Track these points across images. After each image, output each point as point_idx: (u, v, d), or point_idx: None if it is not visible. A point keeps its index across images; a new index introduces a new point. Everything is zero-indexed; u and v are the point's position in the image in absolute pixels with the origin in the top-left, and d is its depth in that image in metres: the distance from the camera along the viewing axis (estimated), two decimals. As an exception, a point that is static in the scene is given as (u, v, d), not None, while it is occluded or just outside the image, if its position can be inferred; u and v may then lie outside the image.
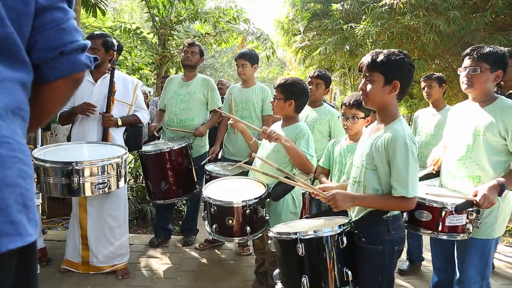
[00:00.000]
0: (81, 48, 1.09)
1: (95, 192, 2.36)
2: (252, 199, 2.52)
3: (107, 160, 2.45)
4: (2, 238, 0.83)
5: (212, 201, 2.56)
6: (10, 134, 0.91)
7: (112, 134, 3.32)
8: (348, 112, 2.75)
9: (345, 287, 2.01)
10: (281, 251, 2.13)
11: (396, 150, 1.87)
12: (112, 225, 3.38)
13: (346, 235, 2.01)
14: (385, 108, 2.01)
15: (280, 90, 2.73)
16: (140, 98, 3.56)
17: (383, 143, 1.93)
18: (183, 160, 3.69)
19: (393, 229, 1.98)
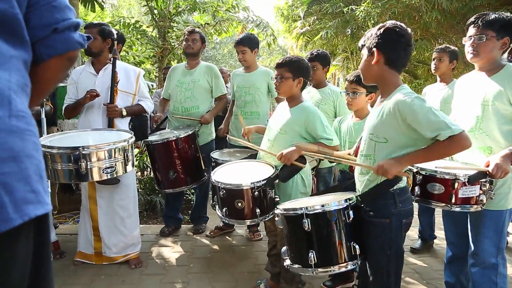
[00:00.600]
0: (73, 26, 1.11)
1: (103, 176, 2.36)
2: (261, 180, 2.51)
3: (113, 144, 2.44)
4: (29, 206, 0.90)
5: (220, 185, 2.55)
6: (24, 108, 0.96)
7: (117, 124, 3.32)
8: (348, 87, 2.76)
9: (353, 261, 2.02)
10: (288, 228, 2.14)
11: (410, 106, 1.83)
12: (122, 216, 3.39)
13: (353, 210, 2.01)
14: (382, 80, 2.00)
15: (287, 69, 2.67)
16: (143, 87, 3.55)
17: (392, 109, 1.90)
18: (190, 148, 3.69)
19: (400, 202, 1.97)
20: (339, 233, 2.00)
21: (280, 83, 2.70)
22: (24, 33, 1.01)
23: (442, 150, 1.84)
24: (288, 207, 2.14)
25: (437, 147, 1.83)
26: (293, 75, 2.68)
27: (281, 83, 2.69)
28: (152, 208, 4.98)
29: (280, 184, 2.66)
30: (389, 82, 1.98)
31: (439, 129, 1.79)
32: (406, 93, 1.89)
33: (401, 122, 1.88)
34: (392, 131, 1.92)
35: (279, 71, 2.70)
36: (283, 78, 2.68)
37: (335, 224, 2.00)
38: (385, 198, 1.97)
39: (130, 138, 2.59)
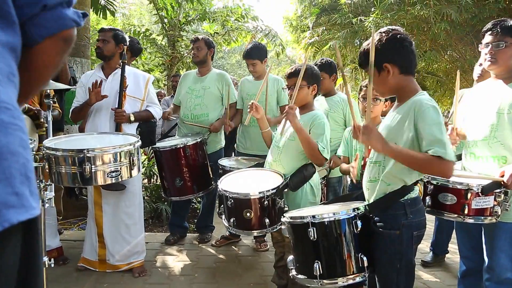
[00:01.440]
0: (66, 1, 1.00)
1: (108, 180, 2.29)
2: (270, 189, 2.44)
3: (118, 147, 2.37)
4: (10, 210, 0.77)
5: (228, 194, 2.49)
6: (9, 100, 0.84)
7: (125, 130, 3.27)
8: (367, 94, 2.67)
9: (360, 273, 1.93)
10: (293, 236, 2.08)
11: (424, 112, 1.76)
12: (127, 223, 3.33)
13: (361, 220, 1.93)
14: (401, 89, 1.93)
15: (302, 77, 2.62)
16: (152, 93, 3.51)
17: (408, 111, 1.84)
18: (197, 155, 3.63)
19: (411, 213, 1.88)
20: (346, 243, 1.92)
21: (294, 93, 2.62)
22: (12, 13, 0.90)
23: (425, 163, 1.76)
24: (295, 215, 2.07)
25: (422, 157, 1.75)
26: (308, 82, 2.65)
27: (297, 92, 2.61)
28: (157, 216, 4.91)
29: (289, 193, 2.59)
30: (408, 90, 1.91)
31: (436, 145, 1.71)
32: (426, 98, 1.83)
33: (412, 125, 1.81)
34: (403, 135, 1.85)
35: (293, 81, 2.64)
36: (299, 87, 2.62)
37: (342, 234, 1.93)
38: (395, 209, 1.88)
39: (136, 142, 2.53)
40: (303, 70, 2.57)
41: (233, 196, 2.46)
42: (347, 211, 1.93)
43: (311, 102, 2.74)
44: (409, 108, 1.84)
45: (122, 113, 3.20)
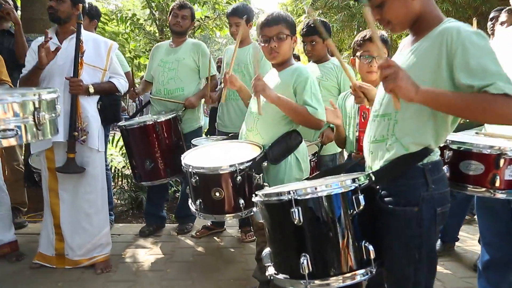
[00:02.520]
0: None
1: (3, 143, 1.65)
2: (244, 162, 1.88)
3: (9, 96, 1.66)
4: None
5: (191, 170, 1.93)
6: None
7: (83, 103, 2.71)
8: (373, 49, 2.09)
9: (364, 268, 1.36)
10: (270, 221, 1.50)
11: (465, 41, 1.21)
12: (88, 212, 2.79)
13: (364, 194, 1.36)
14: (420, 17, 1.37)
15: (285, 25, 2.08)
16: (116, 63, 2.95)
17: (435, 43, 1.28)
18: (171, 134, 3.08)
19: (433, 182, 1.33)
20: (344, 228, 1.36)
21: (279, 44, 2.08)
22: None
23: (484, 104, 1.18)
24: (271, 192, 1.50)
25: (480, 98, 1.19)
26: (290, 32, 2.11)
27: (280, 43, 2.08)
28: (137, 206, 4.35)
29: (269, 167, 2.03)
30: (433, 16, 1.36)
31: (495, 79, 1.16)
32: (461, 24, 1.27)
33: (443, 61, 1.26)
34: (428, 75, 1.30)
35: (276, 29, 2.08)
36: (282, 38, 2.08)
37: (338, 215, 1.36)
38: (412, 176, 1.33)
39: (46, 93, 1.86)
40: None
41: (198, 171, 1.92)
42: (344, 183, 1.36)
43: (291, 56, 2.21)
44: (436, 39, 1.28)
45: (78, 82, 2.63)
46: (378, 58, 2.12)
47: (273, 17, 2.10)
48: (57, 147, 2.69)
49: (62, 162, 2.66)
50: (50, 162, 2.73)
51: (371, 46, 2.11)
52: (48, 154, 2.73)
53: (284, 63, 2.15)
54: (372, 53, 2.11)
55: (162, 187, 3.50)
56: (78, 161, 2.67)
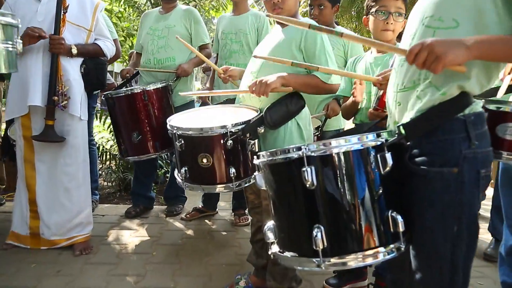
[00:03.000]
0: None
1: None
2: (238, 123, 1.61)
3: None
4: None
5: (176, 131, 1.64)
6: None
7: (64, 65, 2.41)
8: (391, 5, 1.83)
9: (392, 244, 1.08)
10: (276, 187, 1.22)
11: None
12: (68, 186, 2.50)
13: (391, 152, 1.08)
14: None
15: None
16: (102, 23, 2.65)
17: None
18: (161, 105, 2.79)
19: (476, 138, 1.07)
20: (367, 194, 1.08)
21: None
22: None
23: None
24: (278, 149, 1.21)
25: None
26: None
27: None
28: (125, 188, 4.06)
29: (266, 133, 1.75)
30: None
31: None
32: None
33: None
34: (475, 3, 1.02)
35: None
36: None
37: (360, 177, 1.08)
38: (451, 130, 1.07)
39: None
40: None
41: (184, 133, 1.63)
42: (364, 138, 1.08)
43: (297, 13, 1.93)
44: None
45: (60, 40, 2.33)
46: (396, 15, 1.85)
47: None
48: (34, 113, 2.40)
49: (40, 130, 2.38)
50: (26, 130, 2.45)
51: (388, 1, 1.85)
52: (24, 121, 2.44)
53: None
54: (389, 8, 1.84)
55: (151, 164, 3.21)
56: (57, 130, 2.40)
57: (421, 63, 0.99)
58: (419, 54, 0.99)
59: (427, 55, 0.97)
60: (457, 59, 0.97)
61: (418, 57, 0.99)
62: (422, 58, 0.98)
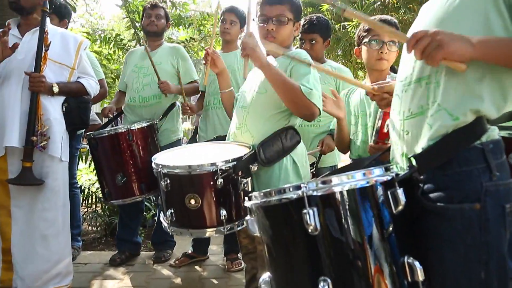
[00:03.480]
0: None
1: None
2: (229, 160, 1.47)
3: None
4: None
5: (161, 170, 1.50)
6: None
7: (45, 104, 2.28)
8: (383, 35, 1.78)
9: None
10: (272, 233, 1.06)
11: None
12: (45, 233, 2.30)
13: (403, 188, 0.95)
14: None
15: (289, 7, 1.74)
16: (86, 61, 2.56)
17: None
18: (146, 145, 2.66)
19: (497, 168, 0.94)
20: (378, 239, 0.94)
21: (277, 28, 1.73)
22: None
23: None
24: (273, 189, 1.05)
25: None
26: (294, 17, 1.76)
27: (279, 27, 1.73)
28: (111, 232, 3.83)
29: (260, 171, 1.61)
30: None
31: None
32: None
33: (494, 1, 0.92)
34: (479, 19, 0.95)
35: (278, 10, 1.73)
36: (283, 21, 1.72)
37: (368, 218, 0.94)
38: (468, 161, 0.94)
39: None
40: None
41: (170, 172, 1.48)
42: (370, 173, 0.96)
43: (290, 45, 1.85)
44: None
45: (40, 78, 2.22)
46: (390, 44, 1.78)
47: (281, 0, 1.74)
48: (11, 155, 2.24)
49: (17, 173, 2.21)
50: (2, 173, 2.26)
51: (380, 29, 1.79)
52: (0, 163, 2.27)
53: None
54: (382, 37, 1.77)
55: (137, 207, 3.04)
56: (36, 172, 2.23)
57: (421, 50, 0.93)
58: (421, 40, 0.93)
59: (430, 41, 0.91)
60: (458, 52, 0.91)
61: (419, 43, 0.93)
62: (423, 44, 0.92)
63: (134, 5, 6.63)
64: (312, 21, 2.58)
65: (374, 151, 1.63)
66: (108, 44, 6.83)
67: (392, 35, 1.12)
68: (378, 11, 7.20)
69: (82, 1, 8.82)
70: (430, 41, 0.91)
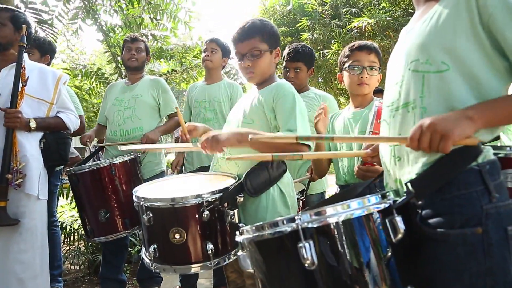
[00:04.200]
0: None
1: None
2: (215, 191, 1.39)
3: None
4: None
5: (143, 203, 1.41)
6: None
7: (21, 140, 2.19)
8: (364, 59, 1.76)
9: None
10: (265, 268, 0.98)
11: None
12: (22, 277, 2.16)
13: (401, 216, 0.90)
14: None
15: (260, 38, 1.68)
16: (65, 96, 2.49)
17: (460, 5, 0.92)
18: (129, 178, 2.55)
19: (496, 189, 0.90)
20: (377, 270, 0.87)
21: (253, 62, 1.68)
22: None
23: None
24: (265, 223, 0.98)
25: None
26: (269, 45, 1.70)
27: (255, 61, 1.68)
28: (95, 270, 3.64)
29: (246, 201, 1.54)
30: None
31: None
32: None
33: (477, 24, 0.90)
34: (460, 44, 0.92)
35: (249, 45, 1.68)
36: (256, 55, 1.68)
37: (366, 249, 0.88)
38: (466, 183, 0.90)
39: None
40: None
41: (153, 205, 1.39)
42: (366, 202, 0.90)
43: (274, 73, 1.80)
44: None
45: (16, 114, 2.14)
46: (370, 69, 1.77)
47: (245, 30, 1.69)
48: (-16, 193, 2.11)
49: (-10, 213, 2.08)
50: (-24, 213, 2.14)
51: (360, 55, 1.78)
52: (-27, 203, 2.14)
53: (268, 81, 1.75)
54: (362, 63, 1.76)
55: (121, 243, 2.88)
56: (11, 211, 2.11)
57: (427, 147, 0.88)
58: (421, 139, 0.88)
59: (431, 136, 0.86)
60: (464, 133, 0.87)
61: (422, 141, 0.88)
62: (426, 142, 0.87)
63: (115, 39, 6.64)
64: (297, 50, 2.59)
65: (361, 173, 1.57)
66: (89, 79, 6.77)
67: (389, 140, 1.07)
68: (356, 38, 7.38)
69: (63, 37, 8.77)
70: (431, 136, 0.87)
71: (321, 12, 8.00)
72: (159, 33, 6.99)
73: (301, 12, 8.52)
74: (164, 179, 1.86)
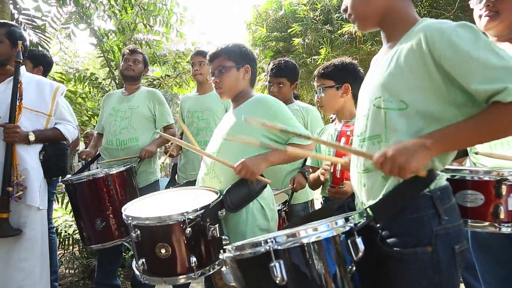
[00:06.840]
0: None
1: None
2: (197, 209, 1.53)
3: None
4: None
5: (132, 222, 1.56)
6: None
7: (21, 153, 2.31)
8: (316, 84, 2.00)
9: None
10: (244, 283, 1.11)
11: (452, 35, 0.99)
12: (22, 284, 2.27)
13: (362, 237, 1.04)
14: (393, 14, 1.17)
15: (226, 57, 1.84)
16: (63, 107, 2.59)
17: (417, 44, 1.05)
18: (125, 188, 2.68)
19: (445, 213, 1.04)
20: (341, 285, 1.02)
21: (220, 78, 1.83)
22: None
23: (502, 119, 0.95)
24: (243, 243, 1.14)
25: (493, 115, 0.96)
26: (236, 63, 1.85)
27: (221, 77, 1.83)
28: (90, 275, 3.76)
29: (227, 216, 1.68)
30: (404, 14, 1.16)
31: (503, 79, 0.92)
32: (441, 21, 1.05)
33: (430, 64, 1.02)
34: (416, 84, 1.05)
35: (216, 63, 1.85)
36: (222, 71, 1.83)
37: (331, 266, 1.02)
38: (419, 208, 1.04)
39: None
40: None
41: (140, 223, 1.54)
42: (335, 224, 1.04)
43: (248, 89, 1.93)
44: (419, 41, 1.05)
45: (14, 129, 2.25)
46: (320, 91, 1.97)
47: (214, 51, 1.88)
48: (-14, 206, 2.22)
49: (-7, 224, 2.19)
50: (-22, 224, 2.25)
51: (318, 80, 2.00)
52: (-25, 214, 2.25)
53: (239, 98, 1.89)
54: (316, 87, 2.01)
55: (116, 250, 3.00)
56: (13, 222, 2.23)
57: (388, 173, 1.02)
58: (384, 165, 1.02)
59: (391, 166, 1.00)
60: (420, 165, 1.00)
61: (384, 168, 1.02)
62: (387, 170, 1.01)
63: (108, 44, 6.72)
64: (280, 65, 2.71)
65: (332, 194, 1.72)
66: (83, 83, 6.83)
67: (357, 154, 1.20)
68: (347, 44, 7.52)
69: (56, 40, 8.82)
70: (391, 166, 1.00)
71: (312, 18, 8.13)
72: (152, 37, 7.11)
73: (293, 18, 8.66)
74: (152, 195, 1.97)
